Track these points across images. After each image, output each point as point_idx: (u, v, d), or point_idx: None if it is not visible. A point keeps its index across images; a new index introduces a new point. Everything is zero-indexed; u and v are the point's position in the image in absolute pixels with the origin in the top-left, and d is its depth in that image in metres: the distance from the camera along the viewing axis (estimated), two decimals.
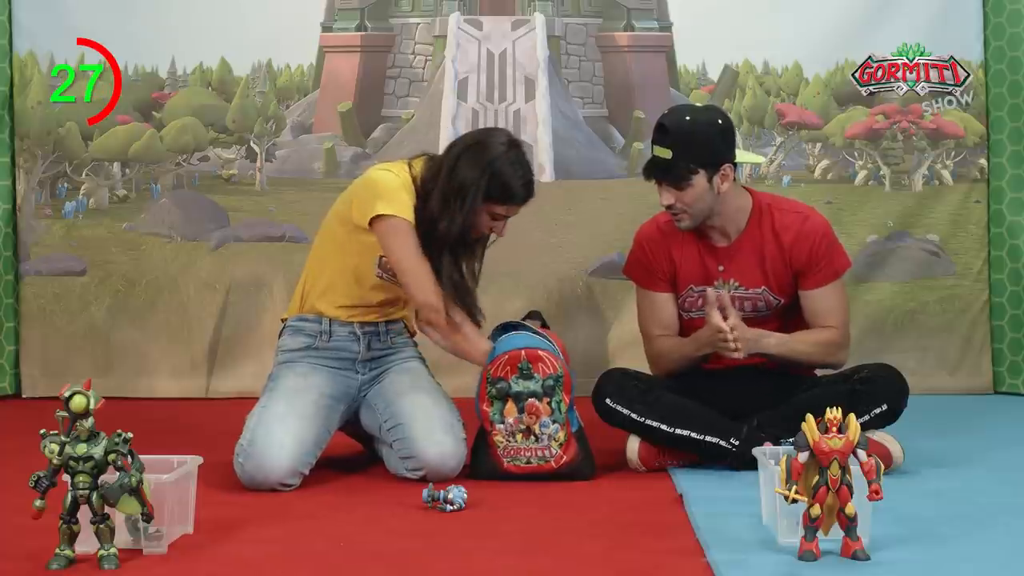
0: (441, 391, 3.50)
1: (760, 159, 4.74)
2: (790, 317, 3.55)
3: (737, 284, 3.51)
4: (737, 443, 3.37)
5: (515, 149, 3.41)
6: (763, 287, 3.51)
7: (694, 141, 3.39)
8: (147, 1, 4.88)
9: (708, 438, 3.39)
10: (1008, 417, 4.38)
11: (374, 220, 3.34)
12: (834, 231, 3.59)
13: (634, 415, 3.42)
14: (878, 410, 3.37)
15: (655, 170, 3.43)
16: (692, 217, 3.45)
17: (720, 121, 3.47)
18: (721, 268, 3.51)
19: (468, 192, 3.34)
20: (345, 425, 3.53)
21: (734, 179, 3.45)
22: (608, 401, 3.45)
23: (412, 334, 3.62)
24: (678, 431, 3.40)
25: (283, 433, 3.27)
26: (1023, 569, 2.52)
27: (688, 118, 3.44)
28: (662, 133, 3.41)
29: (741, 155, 3.61)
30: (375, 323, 3.50)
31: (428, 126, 4.92)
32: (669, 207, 3.45)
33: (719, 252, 3.52)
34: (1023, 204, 4.76)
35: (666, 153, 3.38)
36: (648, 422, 3.41)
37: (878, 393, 3.39)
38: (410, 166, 3.45)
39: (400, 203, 3.34)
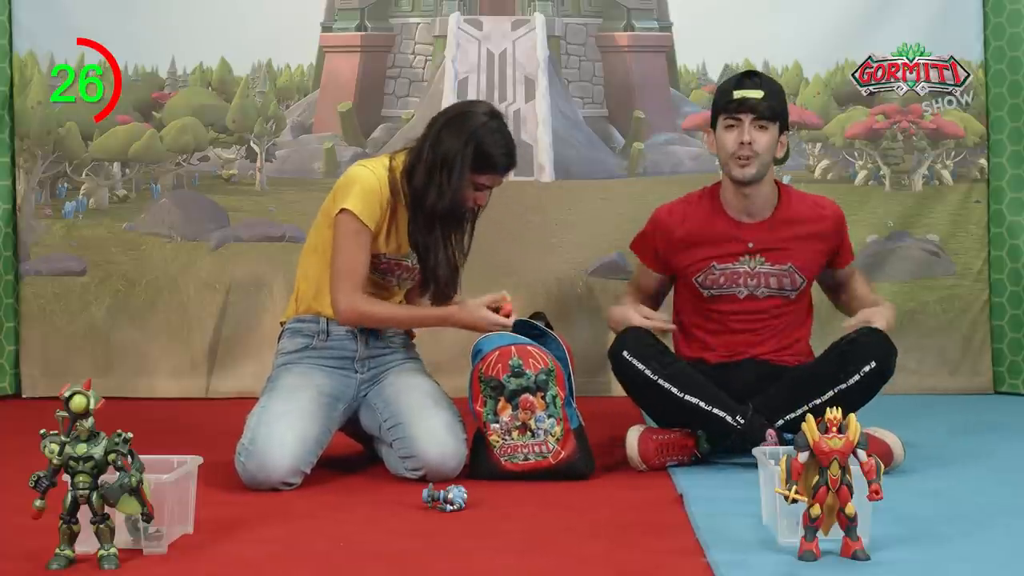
0: (441, 391, 3.50)
1: None
2: (802, 303, 3.65)
3: (764, 260, 3.55)
4: (743, 421, 3.38)
5: (496, 119, 3.43)
6: (789, 264, 3.55)
7: (778, 95, 3.57)
8: (147, 1, 4.88)
9: (716, 410, 3.39)
10: (1008, 417, 4.38)
11: (339, 212, 3.36)
12: None
13: (648, 371, 3.41)
14: (867, 368, 3.38)
15: (746, 102, 3.50)
16: (758, 165, 3.51)
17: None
18: (751, 245, 3.56)
19: (454, 163, 3.35)
20: (345, 425, 3.52)
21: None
22: (625, 354, 3.43)
23: (411, 334, 3.62)
24: (688, 397, 3.40)
25: (285, 432, 3.27)
26: (1022, 569, 2.53)
27: (770, 78, 3.65)
28: (753, 78, 3.56)
29: None
30: None
31: None
32: (746, 144, 3.50)
33: (746, 228, 3.58)
34: (1023, 204, 4.77)
35: (758, 93, 3.51)
36: (660, 382, 3.40)
37: (867, 352, 3.39)
38: (391, 159, 3.46)
39: (368, 206, 3.36)
